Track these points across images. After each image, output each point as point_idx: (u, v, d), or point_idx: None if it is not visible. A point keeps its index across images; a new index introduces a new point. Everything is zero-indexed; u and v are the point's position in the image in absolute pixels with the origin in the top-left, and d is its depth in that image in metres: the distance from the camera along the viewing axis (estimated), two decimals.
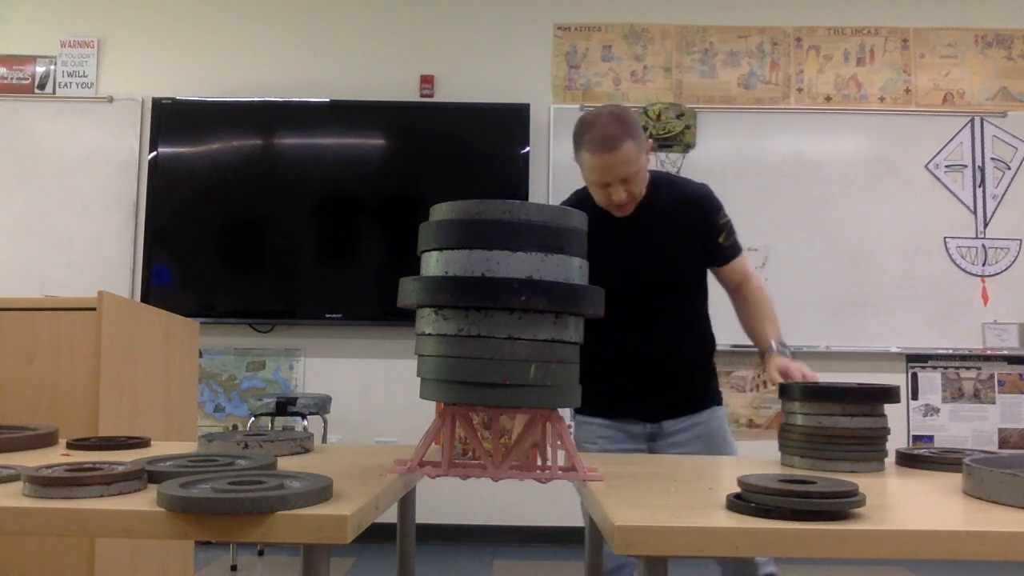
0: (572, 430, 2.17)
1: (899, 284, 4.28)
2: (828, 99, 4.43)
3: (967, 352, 4.30)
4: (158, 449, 1.56)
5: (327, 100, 4.37)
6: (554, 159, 4.37)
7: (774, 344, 1.94)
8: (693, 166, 4.28)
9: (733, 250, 2.08)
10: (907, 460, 1.55)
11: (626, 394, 2.07)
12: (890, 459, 1.56)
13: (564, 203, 2.15)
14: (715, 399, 2.12)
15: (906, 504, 1.14)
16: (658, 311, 2.04)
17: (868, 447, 1.48)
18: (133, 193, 4.38)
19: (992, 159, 4.37)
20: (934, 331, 4.29)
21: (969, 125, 4.39)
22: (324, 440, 4.10)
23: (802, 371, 1.81)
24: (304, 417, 3.83)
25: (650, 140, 1.99)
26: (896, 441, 3.99)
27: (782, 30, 4.47)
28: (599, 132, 1.87)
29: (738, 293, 2.11)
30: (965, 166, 4.37)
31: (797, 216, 4.34)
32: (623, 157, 1.87)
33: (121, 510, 0.98)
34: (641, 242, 2.02)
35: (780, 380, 1.77)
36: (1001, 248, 4.33)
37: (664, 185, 2.06)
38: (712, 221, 2.05)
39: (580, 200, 2.10)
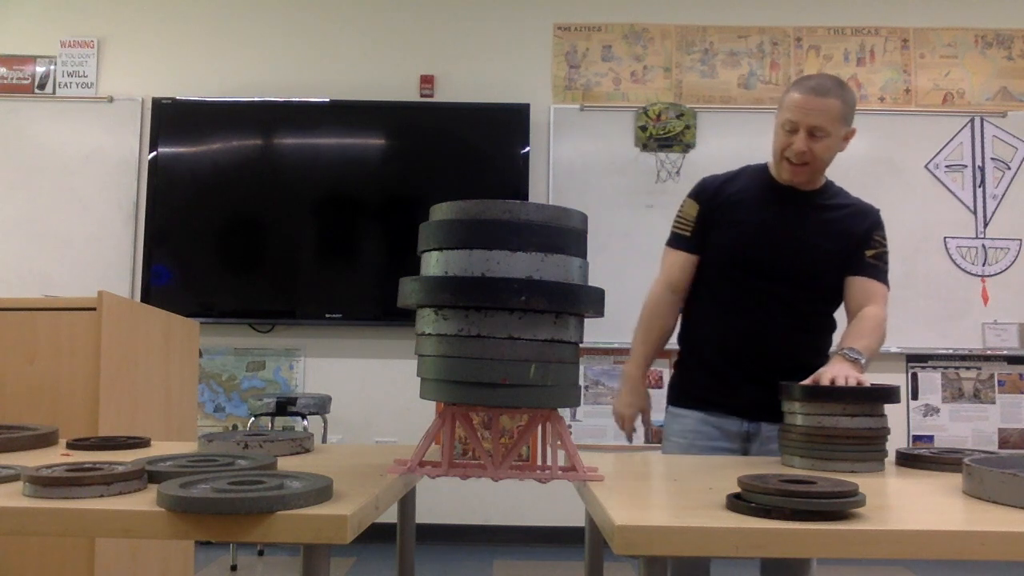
0: (664, 422, 2.07)
1: (899, 284, 4.22)
2: None
3: (967, 352, 4.30)
4: (158, 449, 1.56)
5: (327, 100, 4.37)
6: (554, 159, 4.37)
7: (846, 350, 1.79)
8: (693, 166, 4.27)
9: (872, 270, 1.98)
10: (907, 460, 1.55)
11: (725, 384, 1.97)
12: (890, 459, 1.56)
13: (729, 173, 2.07)
14: None
15: (906, 504, 1.13)
16: (782, 301, 1.95)
17: (868, 447, 1.49)
18: (133, 193, 4.38)
19: (992, 159, 4.37)
20: (934, 331, 4.29)
21: (969, 125, 4.39)
22: (324, 440, 4.10)
23: (834, 377, 1.63)
24: (304, 417, 3.83)
25: (852, 128, 1.95)
26: (896, 441, 3.99)
27: (782, 30, 4.47)
28: (816, 80, 1.89)
29: (855, 316, 1.95)
30: (965, 166, 4.37)
31: None
32: (825, 107, 1.86)
33: (121, 510, 0.98)
34: (796, 225, 1.97)
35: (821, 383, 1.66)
36: (1001, 248, 4.33)
37: (841, 193, 2.06)
38: (870, 234, 2.00)
39: (745, 171, 2.06)
